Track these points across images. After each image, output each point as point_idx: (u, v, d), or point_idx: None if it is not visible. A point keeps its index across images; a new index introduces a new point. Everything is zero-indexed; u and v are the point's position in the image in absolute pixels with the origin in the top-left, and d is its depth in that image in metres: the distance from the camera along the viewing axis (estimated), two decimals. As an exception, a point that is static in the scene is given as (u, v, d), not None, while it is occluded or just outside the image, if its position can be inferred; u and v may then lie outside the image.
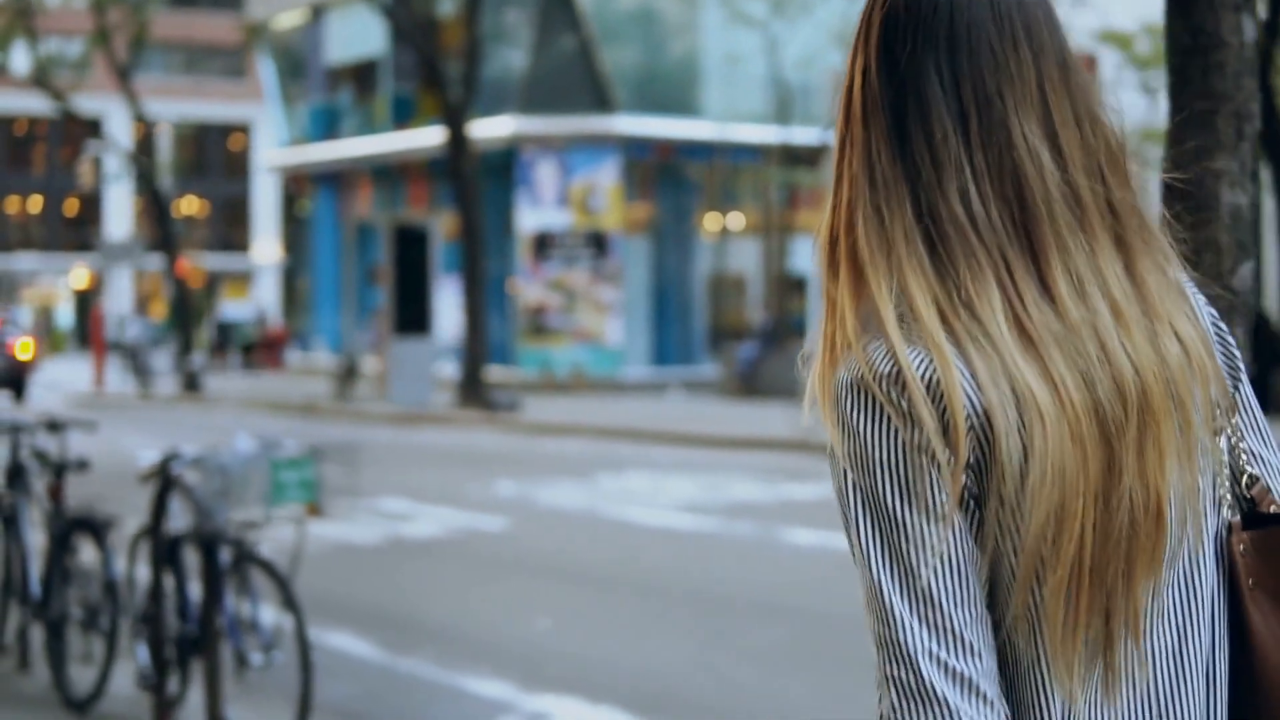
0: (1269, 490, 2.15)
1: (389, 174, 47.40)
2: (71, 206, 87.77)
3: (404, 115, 46.44)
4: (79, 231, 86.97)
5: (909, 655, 1.92)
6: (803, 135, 37.89)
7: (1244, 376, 2.20)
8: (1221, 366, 2.09)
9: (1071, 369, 1.94)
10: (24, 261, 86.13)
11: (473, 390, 33.62)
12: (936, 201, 1.99)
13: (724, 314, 45.19)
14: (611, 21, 42.20)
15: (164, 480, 8.34)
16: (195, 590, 8.62)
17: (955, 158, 2.00)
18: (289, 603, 8.02)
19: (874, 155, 2.03)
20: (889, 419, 1.93)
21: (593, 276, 41.65)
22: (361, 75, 49.48)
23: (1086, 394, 1.94)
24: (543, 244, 41.58)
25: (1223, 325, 2.18)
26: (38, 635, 9.96)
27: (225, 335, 59.13)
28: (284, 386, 44.29)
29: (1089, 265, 1.99)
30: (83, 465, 9.56)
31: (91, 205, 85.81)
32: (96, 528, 9.18)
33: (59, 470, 9.58)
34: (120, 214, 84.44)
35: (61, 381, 51.04)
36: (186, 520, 8.60)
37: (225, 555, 8.15)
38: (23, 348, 44.01)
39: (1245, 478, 2.15)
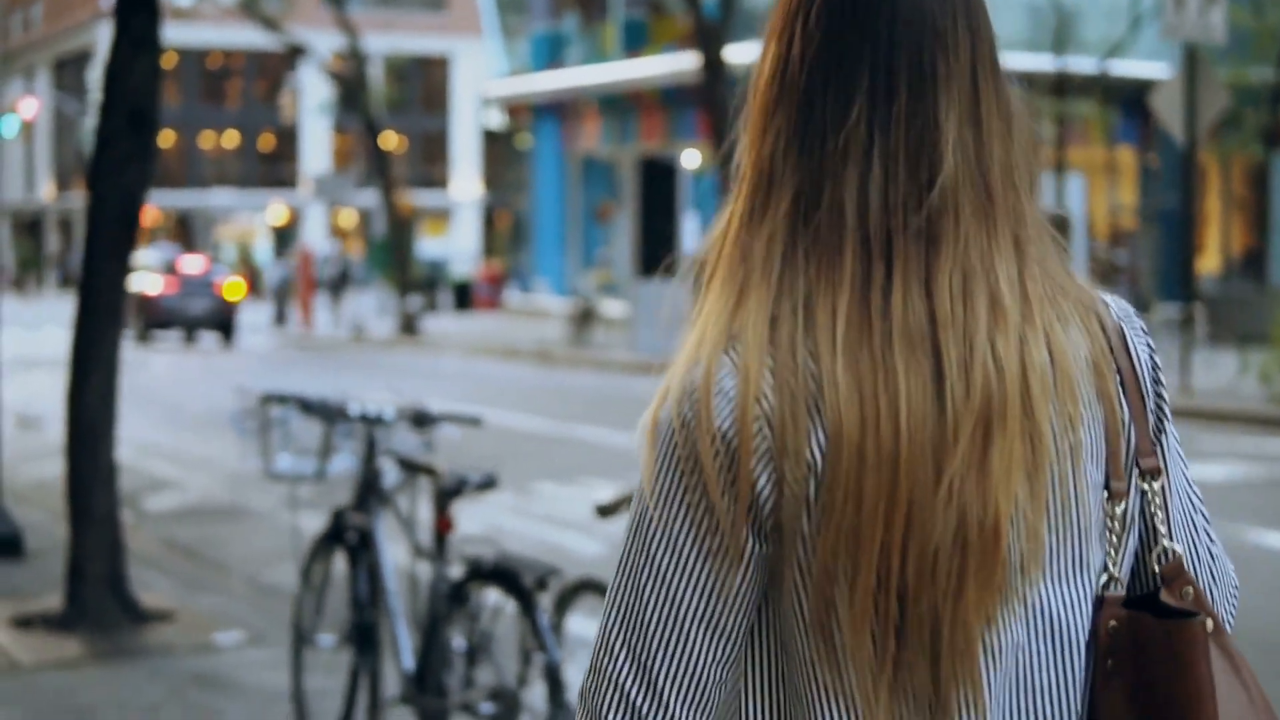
0: (1185, 571, 1.94)
1: (619, 104, 44.16)
2: (267, 142, 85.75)
3: (635, 42, 43.24)
4: (275, 167, 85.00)
5: (608, 687, 1.82)
6: (1076, 64, 34.39)
7: (1169, 427, 1.98)
8: (1148, 407, 1.94)
9: (914, 374, 1.79)
10: (219, 198, 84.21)
11: (728, 339, 30.60)
12: (823, 188, 1.84)
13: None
14: (866, -62, 38.83)
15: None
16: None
17: (864, 139, 1.84)
18: None
19: (771, 149, 1.88)
20: (677, 442, 1.81)
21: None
22: (586, 0, 46.40)
23: (924, 403, 1.79)
24: (792, 180, 38.38)
25: (1157, 362, 1.98)
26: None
27: (435, 274, 56.36)
28: (507, 329, 41.44)
29: (982, 261, 1.84)
30: (488, 484, 6.45)
31: (288, 141, 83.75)
32: (518, 584, 6.09)
33: (448, 493, 6.37)
34: (318, 149, 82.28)
35: (263, 324, 48.70)
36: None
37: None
38: (231, 289, 41.91)
39: (1158, 550, 1.93)
